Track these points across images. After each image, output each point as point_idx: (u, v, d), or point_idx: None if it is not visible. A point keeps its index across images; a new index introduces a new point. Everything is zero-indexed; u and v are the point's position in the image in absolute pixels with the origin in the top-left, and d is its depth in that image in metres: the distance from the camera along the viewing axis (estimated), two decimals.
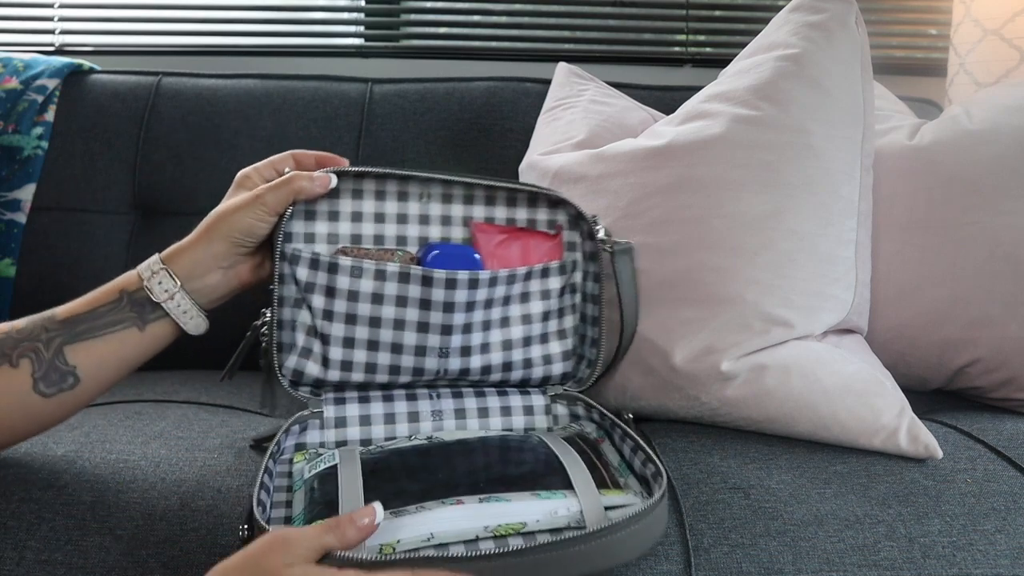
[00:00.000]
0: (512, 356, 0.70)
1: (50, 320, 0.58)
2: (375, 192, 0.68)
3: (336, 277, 0.64)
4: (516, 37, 1.49)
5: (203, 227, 0.61)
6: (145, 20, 1.47)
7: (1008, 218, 0.80)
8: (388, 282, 0.64)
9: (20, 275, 1.05)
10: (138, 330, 0.60)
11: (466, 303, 0.65)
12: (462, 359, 0.68)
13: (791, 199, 0.74)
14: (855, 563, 0.56)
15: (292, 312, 0.65)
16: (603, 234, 0.70)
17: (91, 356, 0.58)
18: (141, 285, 0.60)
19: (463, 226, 0.70)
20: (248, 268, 0.64)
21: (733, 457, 0.67)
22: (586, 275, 0.72)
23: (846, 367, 0.71)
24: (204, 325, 0.62)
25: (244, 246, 0.61)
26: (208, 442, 0.68)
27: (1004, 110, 0.85)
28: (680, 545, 0.57)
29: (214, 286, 0.62)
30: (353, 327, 0.65)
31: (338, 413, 0.66)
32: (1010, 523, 0.60)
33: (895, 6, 1.50)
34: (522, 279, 0.69)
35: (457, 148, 1.11)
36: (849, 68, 0.78)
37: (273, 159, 0.66)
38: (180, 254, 0.61)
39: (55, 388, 0.57)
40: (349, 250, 0.66)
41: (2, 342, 0.57)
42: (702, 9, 1.49)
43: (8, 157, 1.07)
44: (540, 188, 0.69)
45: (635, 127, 0.95)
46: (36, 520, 0.56)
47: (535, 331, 0.71)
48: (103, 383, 0.60)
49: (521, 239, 0.71)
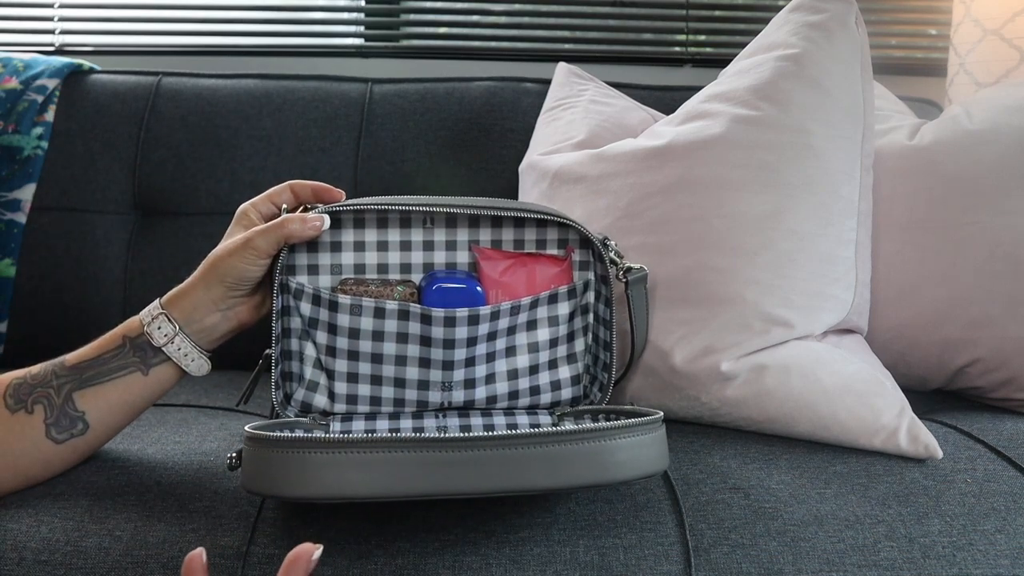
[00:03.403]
0: (518, 385, 0.69)
1: (60, 366, 0.60)
2: (377, 220, 0.67)
3: (337, 315, 0.64)
4: (516, 37, 1.49)
5: (201, 270, 0.62)
6: (145, 20, 1.47)
7: (1008, 218, 0.80)
8: (388, 319, 0.64)
9: (20, 275, 1.05)
10: (142, 374, 0.61)
11: (467, 339, 0.64)
12: (466, 391, 0.67)
13: (791, 199, 0.74)
14: (855, 563, 0.56)
15: (299, 344, 0.66)
16: (614, 255, 0.68)
17: (98, 401, 0.60)
18: (142, 330, 0.61)
19: (469, 250, 0.68)
20: (247, 309, 0.64)
21: (733, 457, 0.67)
22: (598, 296, 0.70)
23: (846, 367, 0.71)
24: (206, 366, 0.63)
25: (239, 290, 0.62)
26: (206, 445, 0.68)
27: (1004, 110, 0.85)
28: (680, 545, 0.57)
29: (213, 327, 0.62)
30: (356, 363, 0.66)
31: (344, 429, 0.66)
32: (1010, 523, 0.60)
33: (895, 6, 1.50)
34: (528, 308, 0.67)
35: (457, 148, 1.10)
36: (849, 68, 0.78)
37: (271, 192, 0.66)
38: (179, 298, 0.62)
39: (66, 434, 0.59)
40: (350, 286, 0.66)
41: (18, 388, 0.59)
42: (702, 9, 1.49)
43: (8, 157, 1.07)
44: (547, 214, 0.66)
45: (635, 127, 0.94)
46: (35, 523, 0.56)
47: (542, 358, 0.69)
48: (111, 428, 0.62)
49: (527, 265, 0.68)
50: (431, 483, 0.47)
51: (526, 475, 0.47)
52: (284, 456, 0.48)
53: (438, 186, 1.09)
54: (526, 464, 0.47)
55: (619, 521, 0.58)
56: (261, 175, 1.08)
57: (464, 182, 1.10)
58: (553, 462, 0.47)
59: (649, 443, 0.51)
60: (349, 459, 0.47)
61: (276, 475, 0.48)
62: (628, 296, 0.69)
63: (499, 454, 0.47)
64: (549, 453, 0.47)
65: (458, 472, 0.47)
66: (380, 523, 0.57)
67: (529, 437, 0.47)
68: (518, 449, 0.47)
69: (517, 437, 0.47)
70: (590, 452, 0.48)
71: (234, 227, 0.65)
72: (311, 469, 0.47)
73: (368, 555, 0.54)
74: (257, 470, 0.49)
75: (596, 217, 0.79)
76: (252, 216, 0.65)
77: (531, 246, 0.69)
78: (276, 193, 0.66)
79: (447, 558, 0.54)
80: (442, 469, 0.47)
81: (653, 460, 0.52)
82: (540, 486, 0.48)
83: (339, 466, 0.47)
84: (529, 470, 0.47)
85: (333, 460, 0.47)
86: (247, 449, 0.51)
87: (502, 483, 0.47)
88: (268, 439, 0.49)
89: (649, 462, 0.51)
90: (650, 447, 0.51)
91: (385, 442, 0.47)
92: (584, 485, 0.49)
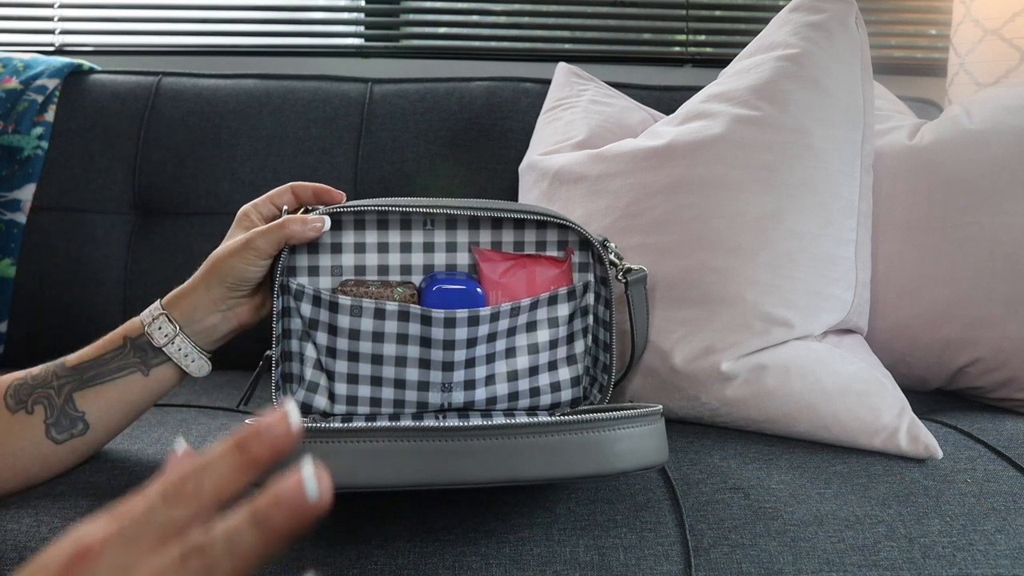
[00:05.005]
0: (518, 386, 0.69)
1: (61, 367, 0.60)
2: (377, 221, 0.67)
3: (337, 316, 0.65)
4: (516, 37, 1.49)
5: (202, 271, 0.62)
6: (145, 20, 1.47)
7: (1008, 218, 0.80)
8: (388, 320, 0.64)
9: (20, 275, 1.05)
10: (142, 375, 0.61)
11: (467, 340, 0.65)
12: (466, 392, 0.67)
13: (791, 199, 0.74)
14: (855, 563, 0.56)
15: (300, 345, 0.66)
16: (614, 257, 0.68)
17: (99, 402, 0.60)
18: (143, 331, 0.61)
19: (469, 252, 0.69)
20: (247, 309, 0.64)
21: (733, 457, 0.67)
22: (598, 298, 0.70)
23: (846, 367, 0.71)
24: (207, 367, 0.63)
25: (239, 290, 0.62)
26: (206, 445, 0.68)
27: (1004, 110, 0.85)
28: (680, 545, 0.57)
29: (214, 328, 0.63)
30: (356, 364, 0.66)
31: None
32: (1010, 523, 0.60)
33: (895, 6, 1.50)
34: (527, 310, 0.68)
35: (457, 148, 1.11)
36: (849, 68, 0.78)
37: (272, 194, 0.67)
38: (180, 299, 0.62)
39: (66, 434, 0.59)
40: (350, 287, 0.66)
41: (19, 389, 0.59)
42: (702, 9, 1.49)
43: (8, 157, 1.07)
44: (547, 215, 0.66)
45: (635, 127, 0.94)
46: (35, 523, 0.56)
47: (542, 360, 0.70)
48: (111, 428, 0.62)
49: (527, 266, 0.69)
50: (432, 472, 0.46)
51: (526, 465, 0.47)
52: None
53: (438, 186, 1.09)
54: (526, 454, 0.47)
55: (619, 521, 0.58)
56: (261, 175, 1.08)
57: (464, 182, 1.10)
58: (553, 452, 0.47)
59: (648, 435, 0.51)
60: (350, 448, 0.47)
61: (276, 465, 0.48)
62: (628, 297, 0.69)
63: (499, 443, 0.47)
64: (549, 443, 0.47)
65: (458, 462, 0.47)
66: (380, 523, 0.57)
67: (529, 427, 0.47)
68: (518, 439, 0.47)
69: (517, 427, 0.47)
70: (590, 442, 0.48)
71: (235, 228, 0.65)
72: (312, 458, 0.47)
73: (368, 555, 0.54)
74: None
75: (596, 217, 0.79)
76: (253, 217, 0.65)
77: (531, 248, 0.69)
78: (277, 194, 0.66)
79: (447, 558, 0.54)
80: (443, 458, 0.47)
81: (652, 452, 0.52)
82: (540, 476, 0.48)
83: (340, 455, 0.47)
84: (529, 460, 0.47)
85: (334, 449, 0.47)
86: None
87: (502, 473, 0.47)
88: None
89: (648, 453, 0.51)
90: (649, 439, 0.51)
91: (386, 431, 0.47)
92: (584, 475, 0.48)
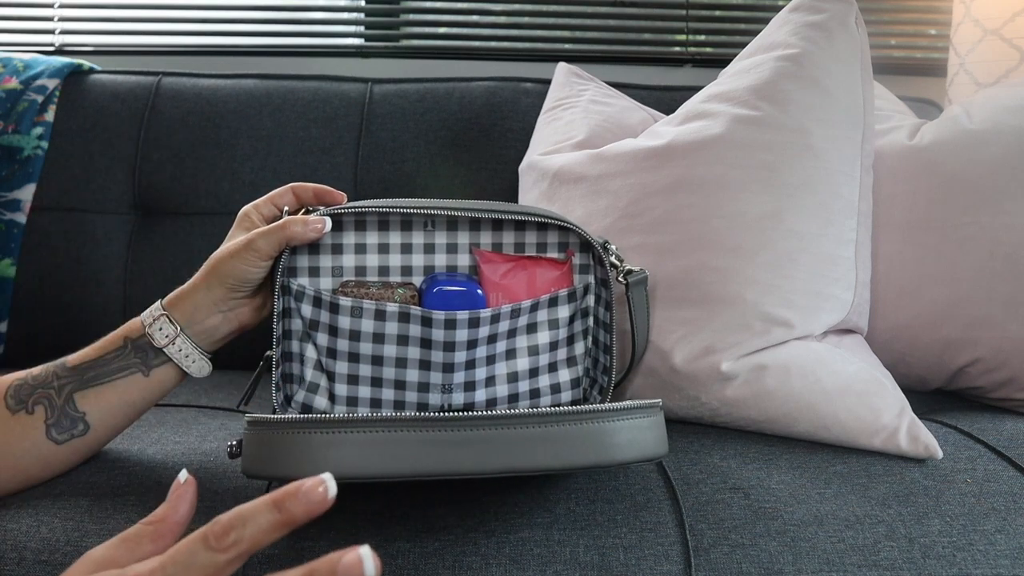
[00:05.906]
0: (518, 388, 0.69)
1: (61, 367, 0.60)
2: (378, 222, 0.67)
3: (338, 317, 0.64)
4: (516, 37, 1.49)
5: (202, 271, 0.62)
6: (145, 20, 1.47)
7: (1008, 218, 0.80)
8: (388, 322, 0.64)
9: (20, 275, 1.05)
10: (143, 375, 0.61)
11: (467, 341, 0.65)
12: (466, 394, 0.67)
13: (791, 199, 0.74)
14: (855, 563, 0.56)
15: (300, 346, 0.66)
16: (615, 259, 0.68)
17: (99, 402, 0.60)
18: (143, 331, 0.61)
19: (470, 253, 0.69)
20: (248, 310, 0.64)
21: (733, 457, 0.67)
22: (598, 300, 0.70)
23: (846, 367, 0.71)
24: (207, 368, 0.63)
25: (240, 291, 0.62)
26: (206, 445, 0.68)
27: (1004, 110, 0.85)
28: (680, 545, 0.57)
29: (214, 329, 0.62)
30: (356, 365, 0.66)
31: None
32: (1010, 523, 0.60)
33: (895, 6, 1.50)
34: (528, 311, 0.68)
35: (457, 148, 1.11)
36: (849, 68, 0.78)
37: (272, 194, 0.67)
38: (181, 299, 0.62)
39: (67, 434, 0.59)
40: (351, 288, 0.66)
41: (19, 389, 0.59)
42: (702, 9, 1.49)
43: (8, 157, 1.07)
44: (548, 217, 0.66)
45: (635, 127, 0.94)
46: (35, 523, 0.56)
47: (543, 361, 0.70)
48: (112, 428, 0.62)
49: (528, 268, 0.69)
50: (433, 463, 0.46)
51: (527, 455, 0.47)
52: (285, 437, 0.47)
53: (438, 186, 1.09)
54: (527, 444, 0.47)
55: (619, 521, 0.58)
56: (261, 175, 1.08)
57: (464, 182, 1.10)
58: (554, 442, 0.47)
59: (648, 426, 0.52)
60: (351, 439, 0.47)
61: (278, 456, 0.48)
62: (628, 298, 0.69)
63: (500, 433, 0.47)
64: (550, 433, 0.47)
65: (460, 451, 0.47)
66: (380, 523, 0.57)
67: (530, 417, 0.47)
68: (519, 429, 0.47)
69: (518, 416, 0.47)
70: (590, 432, 0.48)
71: (235, 229, 0.65)
72: (313, 449, 0.47)
73: None
74: (258, 452, 0.49)
75: (596, 217, 0.79)
76: (254, 218, 0.65)
77: (532, 249, 0.69)
78: (278, 195, 0.66)
79: (447, 558, 0.54)
80: (444, 448, 0.47)
81: (651, 443, 0.52)
82: (541, 466, 0.48)
83: (341, 446, 0.47)
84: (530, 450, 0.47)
85: (335, 440, 0.47)
86: (248, 433, 0.50)
87: (503, 462, 0.47)
88: (270, 421, 0.48)
89: (647, 445, 0.51)
90: (649, 430, 0.52)
91: (386, 421, 0.46)
92: (584, 466, 0.48)
